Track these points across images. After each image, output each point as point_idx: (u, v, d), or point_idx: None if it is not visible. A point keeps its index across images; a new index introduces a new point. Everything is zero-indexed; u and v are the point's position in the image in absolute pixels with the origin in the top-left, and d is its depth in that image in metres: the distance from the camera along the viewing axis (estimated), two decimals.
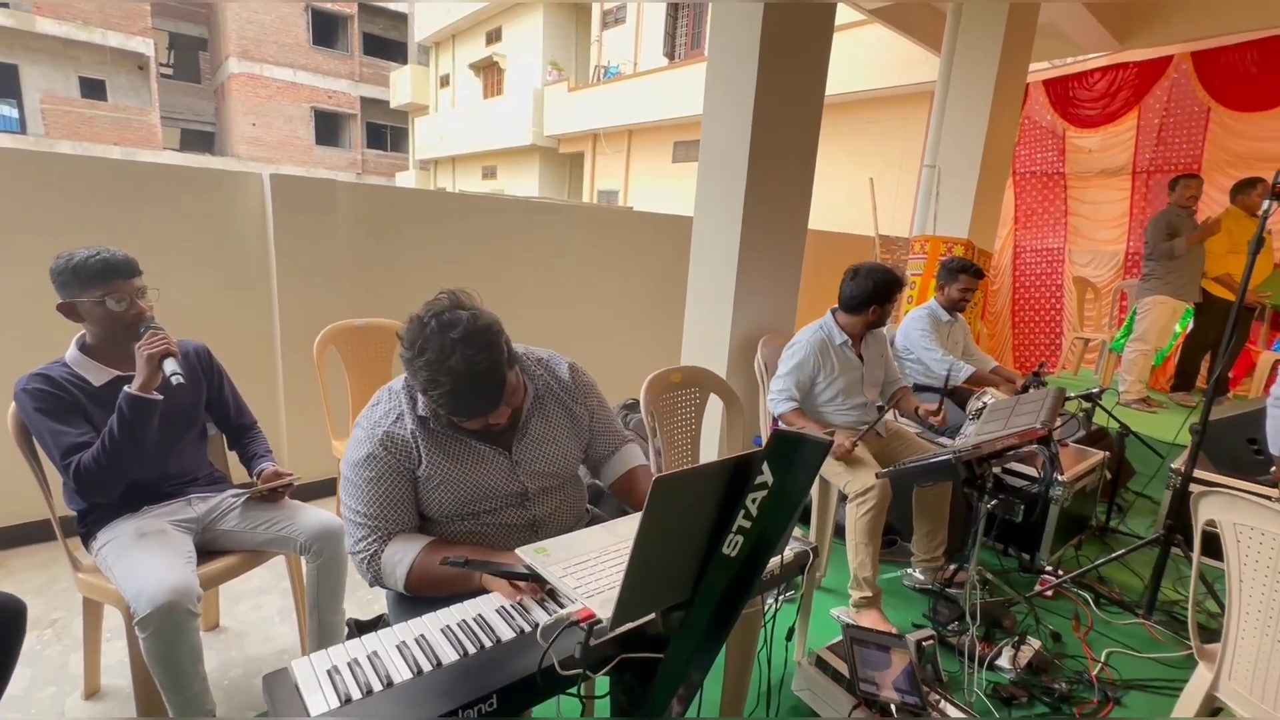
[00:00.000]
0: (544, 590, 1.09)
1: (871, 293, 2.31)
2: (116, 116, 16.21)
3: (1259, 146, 4.48)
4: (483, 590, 1.15)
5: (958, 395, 3.11)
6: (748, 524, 0.86)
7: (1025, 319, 5.75)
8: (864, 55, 7.78)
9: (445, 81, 18.32)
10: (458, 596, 1.12)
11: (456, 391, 1.12)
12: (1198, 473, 2.54)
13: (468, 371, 1.11)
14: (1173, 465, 2.72)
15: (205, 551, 1.63)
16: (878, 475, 2.00)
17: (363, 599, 2.22)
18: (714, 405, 2.34)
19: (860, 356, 2.44)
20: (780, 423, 2.40)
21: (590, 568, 1.01)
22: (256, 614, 2.10)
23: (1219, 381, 4.48)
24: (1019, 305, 5.75)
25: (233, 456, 1.84)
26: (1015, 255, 5.70)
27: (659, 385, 2.10)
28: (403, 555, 1.19)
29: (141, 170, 2.54)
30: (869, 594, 2.13)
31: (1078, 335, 5.19)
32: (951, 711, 1.61)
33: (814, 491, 2.42)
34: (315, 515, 1.67)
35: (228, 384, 1.77)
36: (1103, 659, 2.06)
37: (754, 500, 0.85)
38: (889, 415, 2.96)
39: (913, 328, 3.14)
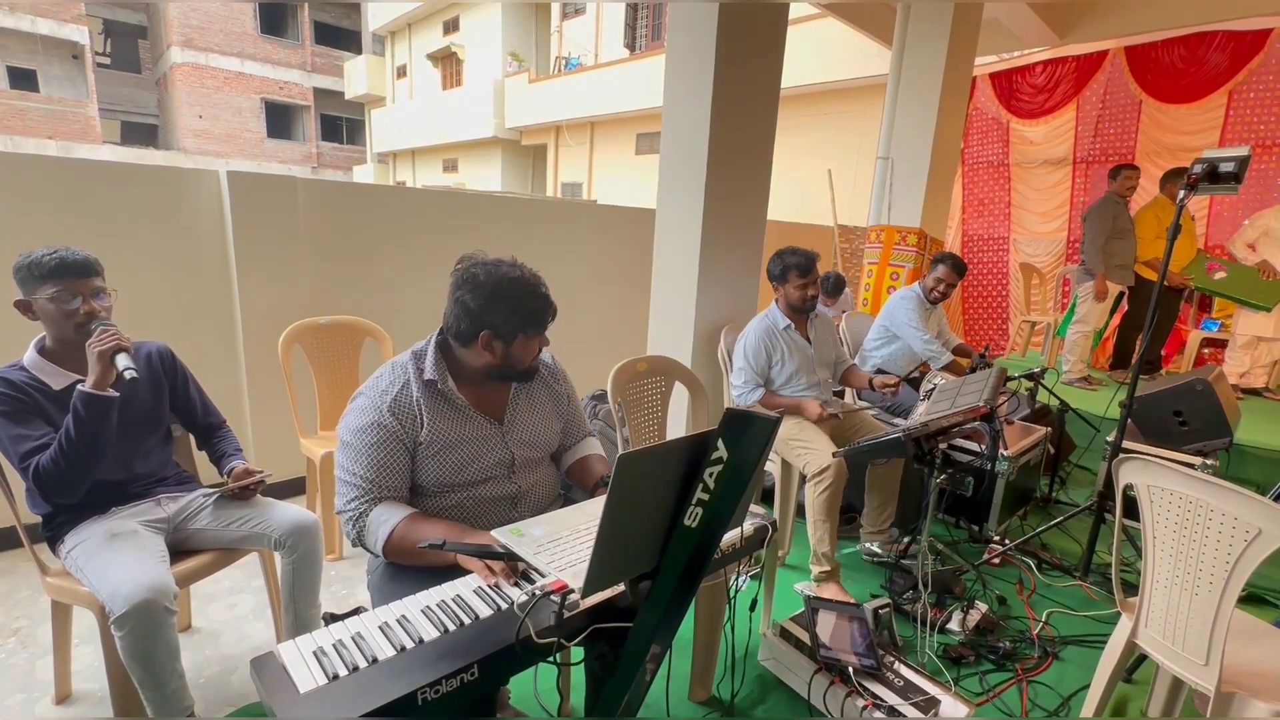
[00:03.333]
0: (518, 572, 1.15)
1: (783, 269, 2.46)
2: (50, 109, 15.40)
3: (1184, 139, 4.77)
4: (454, 565, 1.21)
5: (912, 379, 3.27)
6: (706, 496, 0.94)
7: (975, 304, 6.00)
8: (820, 48, 7.94)
9: (402, 72, 17.90)
10: (430, 571, 1.18)
11: (525, 298, 1.29)
12: (1129, 444, 2.74)
13: (531, 280, 1.30)
14: (1108, 438, 2.91)
15: (177, 551, 1.63)
16: (834, 455, 2.11)
17: (337, 594, 2.24)
18: (679, 393, 2.42)
19: (808, 339, 2.55)
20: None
21: (563, 545, 1.08)
22: (230, 613, 2.10)
23: (1148, 359, 4.75)
24: (969, 291, 5.99)
25: (202, 458, 1.83)
26: (964, 243, 5.93)
27: (625, 375, 2.16)
28: (387, 518, 1.26)
29: (94, 169, 2.48)
30: (828, 568, 2.25)
31: (1025, 318, 5.44)
32: (905, 672, 1.73)
33: (776, 474, 2.52)
34: (289, 511, 1.69)
35: (193, 384, 1.77)
36: (1043, 619, 2.22)
37: (711, 474, 0.92)
38: (847, 399, 3.09)
39: (899, 307, 3.26)
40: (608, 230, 4.19)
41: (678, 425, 2.66)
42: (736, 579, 1.53)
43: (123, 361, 1.46)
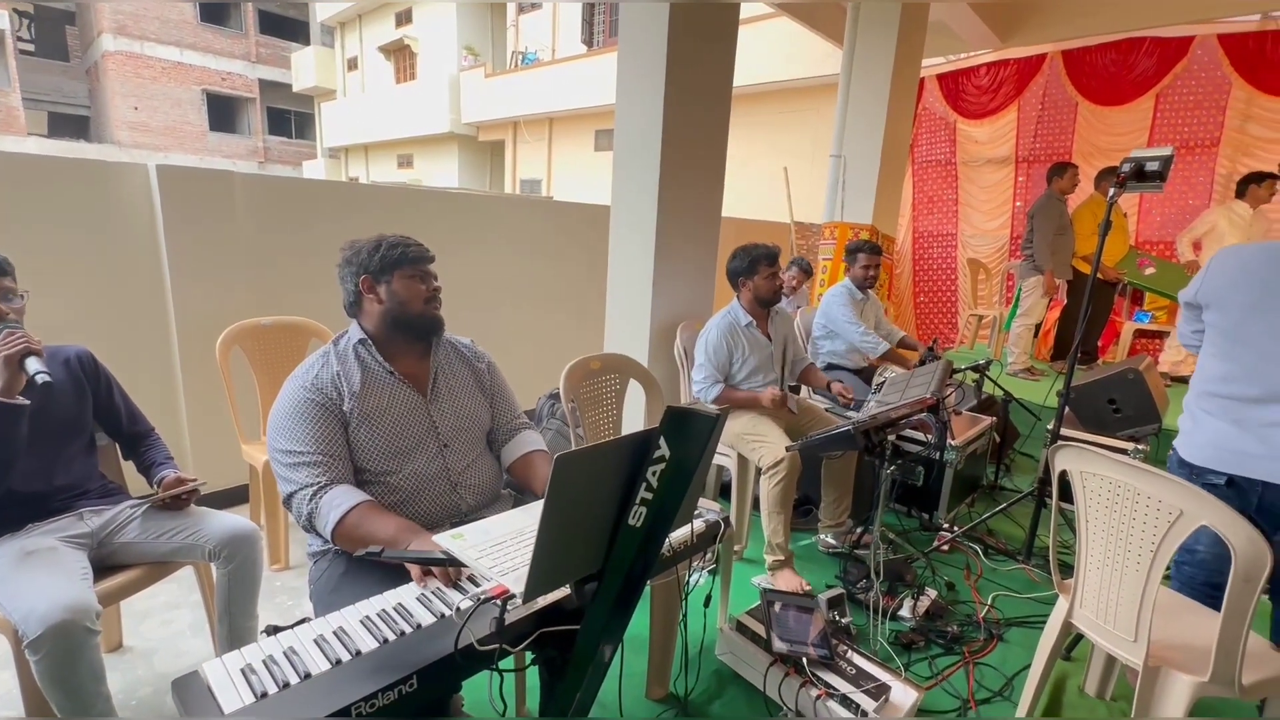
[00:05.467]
0: (455, 577, 1.12)
1: (751, 261, 2.48)
2: None
3: (1116, 140, 5.00)
4: (402, 566, 1.18)
5: (865, 372, 3.34)
6: (649, 495, 0.93)
7: (925, 298, 6.17)
8: (774, 47, 8.03)
9: (353, 64, 17.39)
10: (377, 574, 1.15)
11: (388, 239, 1.39)
12: (1067, 431, 2.86)
13: (403, 236, 1.41)
14: (1049, 426, 3.04)
15: (104, 567, 1.54)
16: (787, 448, 2.13)
17: (283, 605, 2.16)
18: (635, 391, 2.41)
19: (768, 336, 2.57)
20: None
21: (506, 549, 1.05)
22: (165, 630, 2.00)
23: (1085, 350, 4.96)
24: (919, 285, 6.16)
25: (131, 469, 1.74)
26: (914, 240, 6.10)
27: (579, 373, 2.14)
28: (341, 502, 1.25)
29: (8, 162, 2.32)
30: (781, 557, 2.28)
31: (972, 312, 5.63)
32: (857, 660, 1.77)
33: (733, 468, 2.54)
34: (225, 520, 1.61)
35: (117, 390, 1.67)
36: (989, 602, 2.29)
37: (654, 473, 0.91)
38: (802, 392, 3.13)
39: (833, 304, 3.32)
40: (566, 227, 4.15)
41: (634, 423, 2.65)
42: (691, 575, 1.52)
43: (33, 365, 1.37)
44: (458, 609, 0.97)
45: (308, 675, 0.92)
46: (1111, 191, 2.25)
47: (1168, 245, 4.89)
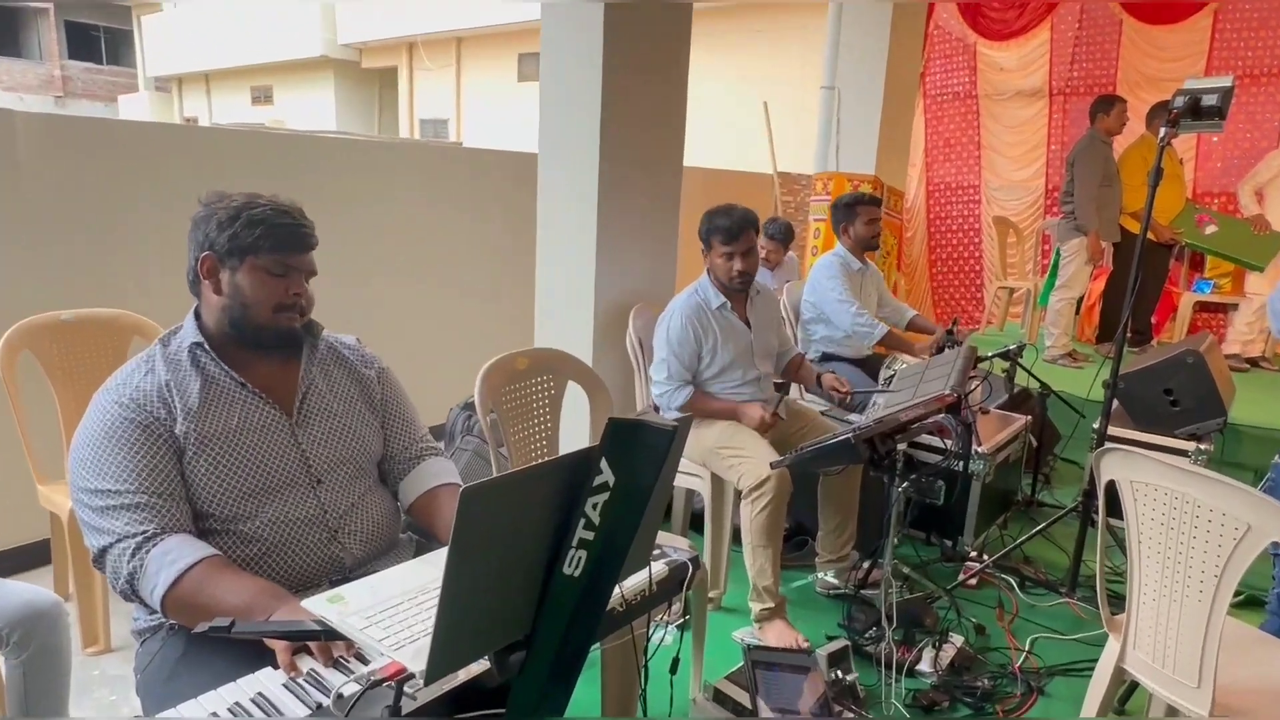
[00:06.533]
0: (339, 652, 1.09)
1: (707, 231, 2.50)
2: None
3: (1168, 67, 5.24)
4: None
5: (869, 363, 3.42)
6: (590, 535, 0.92)
7: (944, 268, 6.36)
8: None
9: None
10: (230, 655, 1.11)
11: (268, 218, 1.33)
12: (1116, 431, 2.99)
13: (278, 206, 1.36)
14: (1095, 425, 3.17)
15: None
16: (773, 465, 2.17)
17: (102, 700, 2.08)
18: (576, 398, 2.40)
19: (747, 322, 2.59)
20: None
21: (403, 614, 1.03)
22: None
23: (1137, 329, 5.17)
24: (936, 252, 6.34)
25: None
26: (929, 195, 6.27)
27: (500, 375, 2.13)
28: (177, 557, 1.20)
29: None
30: (770, 605, 2.31)
31: (1001, 285, 5.82)
32: None
33: (706, 493, 2.56)
34: (14, 591, 1.55)
35: None
36: (1027, 647, 2.39)
37: (594, 505, 0.91)
38: (792, 392, 3.18)
39: (821, 278, 3.38)
40: (482, 182, 4.12)
41: (576, 439, 2.64)
42: (654, 633, 1.53)
43: None
44: (338, 696, 0.95)
45: None
46: (1162, 132, 2.35)
47: (1230, 197, 5.16)
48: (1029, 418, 3.37)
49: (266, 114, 15.43)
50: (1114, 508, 1.65)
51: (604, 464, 0.89)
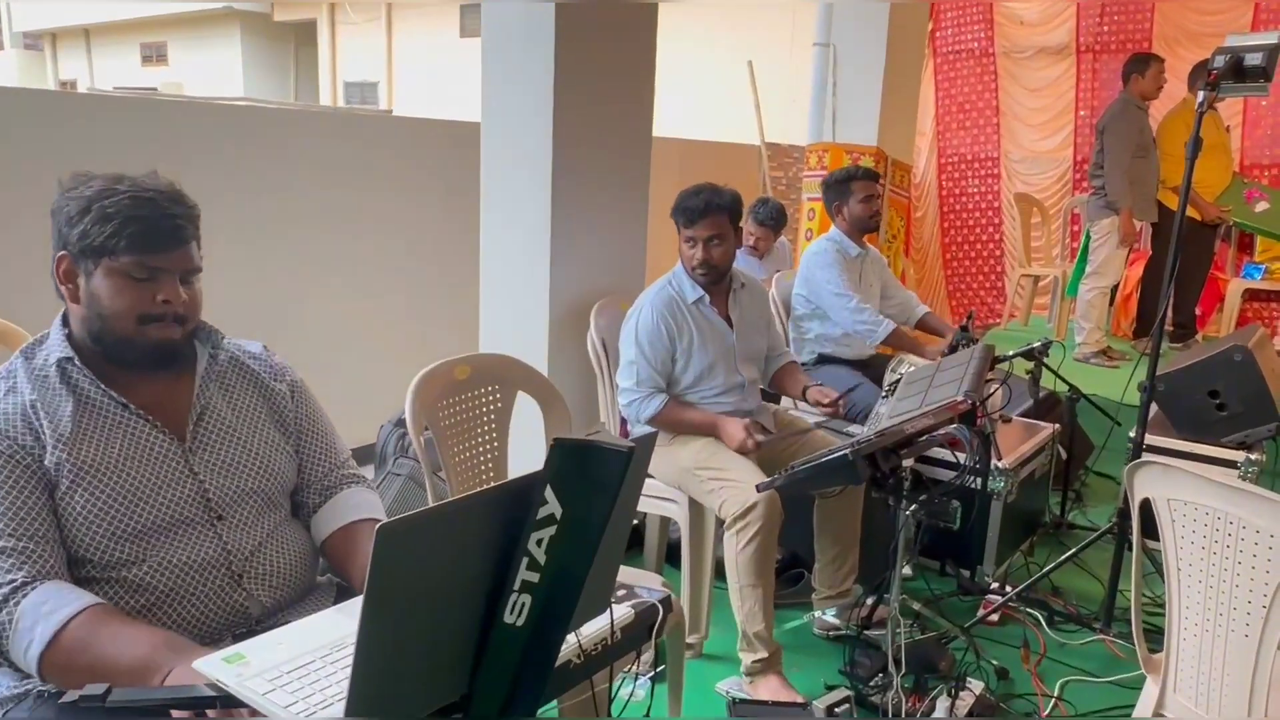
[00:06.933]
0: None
1: (674, 209, 2.52)
2: None
3: (1209, 21, 5.37)
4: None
5: (873, 365, 3.45)
6: (535, 577, 0.92)
7: (959, 254, 6.44)
8: None
9: None
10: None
11: (123, 210, 1.27)
12: (1155, 440, 3.04)
13: (140, 192, 1.30)
14: (1131, 433, 3.22)
15: None
16: (759, 487, 2.17)
17: None
18: (526, 410, 2.39)
19: (728, 320, 2.61)
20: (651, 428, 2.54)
21: (315, 673, 1.03)
22: None
23: (1179, 322, 5.25)
24: (949, 235, 6.43)
25: None
26: (940, 169, 6.35)
27: (435, 387, 2.12)
28: (55, 607, 1.18)
29: None
30: (764, 655, 2.32)
31: (1025, 272, 5.92)
32: None
33: (683, 521, 2.57)
34: None
35: None
36: (1056, 692, 2.42)
37: (539, 542, 0.91)
38: (783, 401, 3.20)
39: (814, 266, 3.41)
40: (417, 158, 4.10)
41: (528, 459, 2.63)
42: (619, 688, 1.53)
43: None
44: None
45: None
46: (1201, 96, 2.41)
47: None
48: (1057, 426, 3.43)
49: (160, 77, 15.26)
50: (1152, 529, 1.68)
51: (549, 493, 0.89)
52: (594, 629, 1.27)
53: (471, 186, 3.00)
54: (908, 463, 2.10)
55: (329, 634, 1.11)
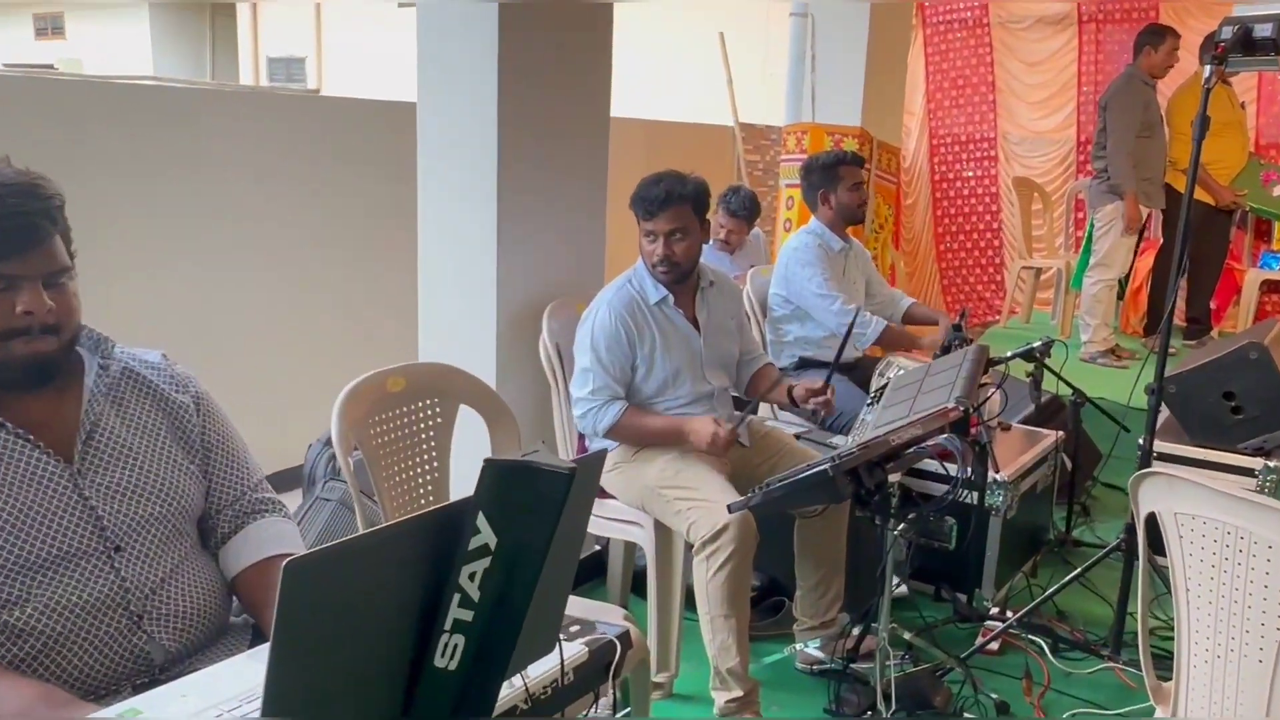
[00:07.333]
0: None
1: (632, 198, 2.52)
2: None
3: None
4: None
5: (860, 368, 3.47)
6: (468, 615, 0.92)
7: (954, 245, 6.51)
8: None
9: None
10: None
11: None
12: (1165, 447, 3.09)
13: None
14: (1141, 440, 3.26)
15: None
16: (731, 508, 2.18)
17: None
18: (470, 425, 2.38)
19: (695, 322, 2.62)
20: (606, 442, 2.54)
21: None
22: None
23: (1193, 316, 5.31)
24: (943, 224, 6.50)
25: None
26: (932, 150, 6.42)
27: (365, 402, 2.10)
28: None
29: None
30: (739, 693, 2.33)
31: (1025, 264, 6.00)
32: None
33: (648, 546, 2.57)
34: None
35: None
36: None
37: (472, 576, 0.90)
38: (761, 410, 3.21)
39: (794, 265, 3.43)
40: (347, 143, 4.08)
41: (474, 481, 2.62)
42: None
43: None
44: None
45: None
46: (1207, 71, 2.46)
47: None
48: (1060, 433, 3.47)
49: (56, 52, 15.04)
50: (1160, 546, 1.70)
51: (481, 520, 0.89)
52: (543, 670, 1.27)
53: (412, 174, 2.98)
54: (894, 477, 2.13)
55: (241, 683, 1.10)
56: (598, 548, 3.20)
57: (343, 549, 0.82)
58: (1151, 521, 1.69)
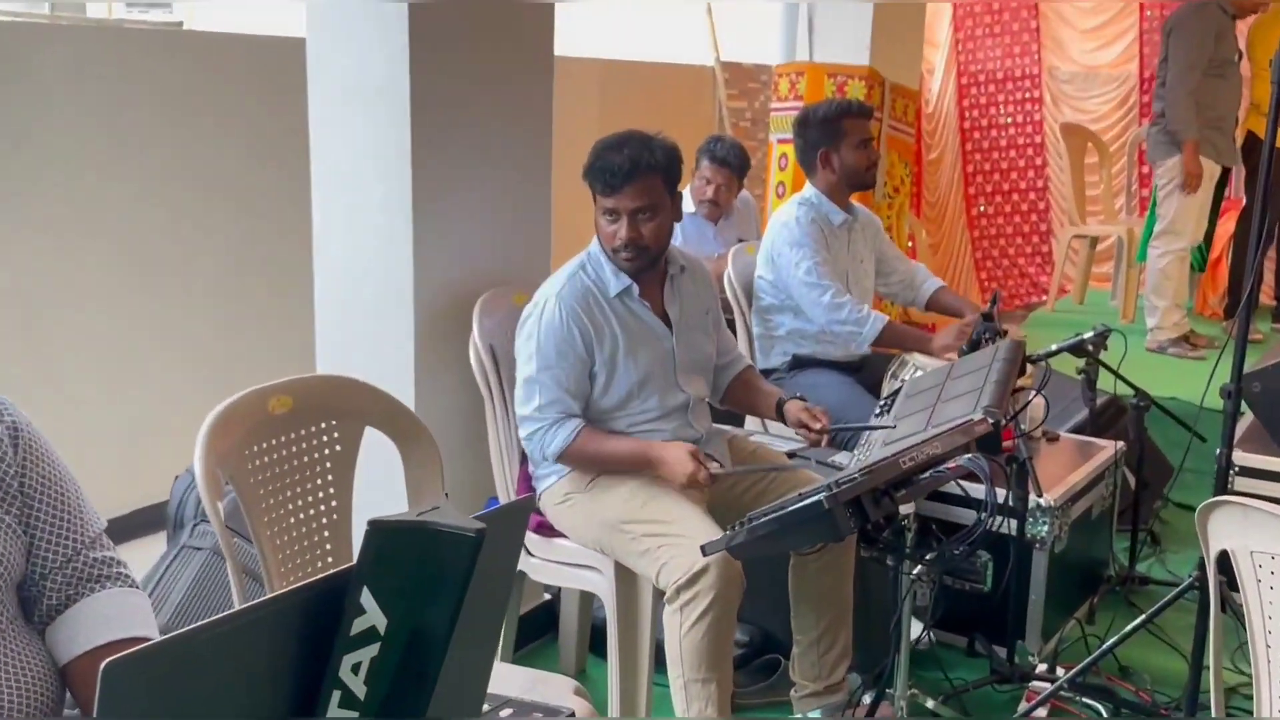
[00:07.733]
0: None
1: (587, 167, 2.51)
2: None
3: None
4: None
5: (868, 367, 3.47)
6: (352, 715, 0.90)
7: (988, 210, 6.52)
8: None
9: None
10: None
11: None
12: (1251, 457, 3.10)
13: None
14: (1219, 451, 3.27)
15: None
16: (705, 549, 2.17)
17: None
18: (379, 454, 2.36)
19: (665, 317, 2.62)
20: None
21: None
22: None
23: None
24: (975, 184, 6.51)
25: None
26: (961, 93, 6.42)
27: (240, 428, 2.08)
28: None
29: None
30: None
31: (1078, 232, 6.02)
32: None
33: (609, 595, 2.56)
34: None
35: None
36: None
37: (355, 668, 0.88)
38: (747, 424, 3.21)
39: (781, 245, 3.43)
40: (224, 92, 4.09)
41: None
42: None
43: None
44: None
45: None
46: None
47: None
48: (1121, 444, 3.48)
49: None
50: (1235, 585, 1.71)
51: (366, 598, 0.87)
52: None
53: (304, 129, 2.95)
54: (908, 508, 2.12)
55: None
56: (548, 597, 3.19)
57: (178, 644, 0.80)
58: (1226, 559, 1.70)
